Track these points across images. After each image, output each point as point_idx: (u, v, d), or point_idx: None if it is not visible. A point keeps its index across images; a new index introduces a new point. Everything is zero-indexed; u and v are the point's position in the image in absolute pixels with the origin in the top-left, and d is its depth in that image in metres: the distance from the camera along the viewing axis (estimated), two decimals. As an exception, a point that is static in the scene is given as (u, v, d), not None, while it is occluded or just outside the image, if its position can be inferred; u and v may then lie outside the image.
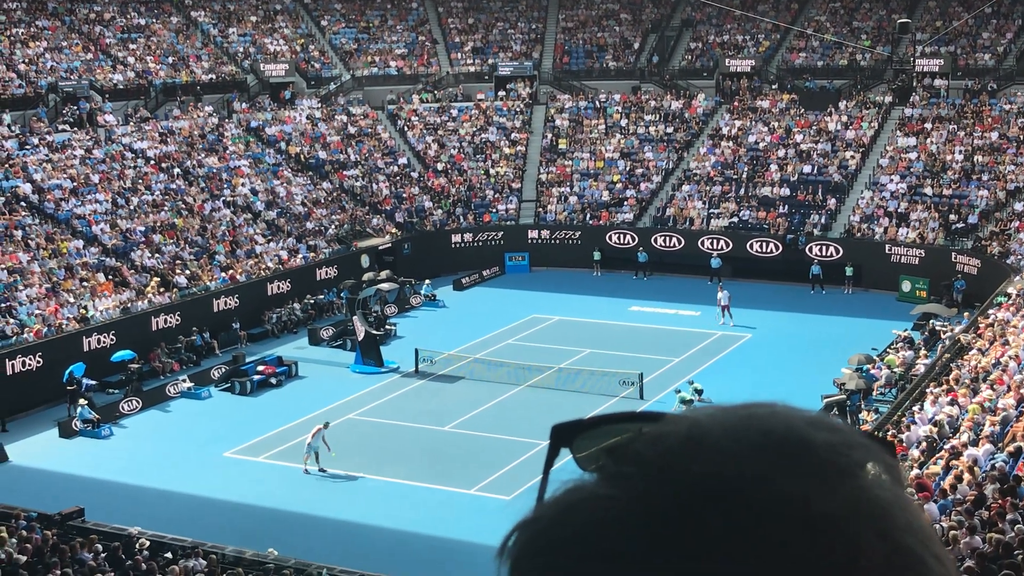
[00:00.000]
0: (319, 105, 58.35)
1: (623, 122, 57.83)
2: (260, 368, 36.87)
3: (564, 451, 0.91)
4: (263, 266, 44.54)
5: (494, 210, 54.06)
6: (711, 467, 0.72)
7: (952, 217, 46.66)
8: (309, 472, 28.65)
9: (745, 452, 0.72)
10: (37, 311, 36.75)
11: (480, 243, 52.65)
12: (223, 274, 43.09)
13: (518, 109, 59.84)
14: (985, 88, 53.20)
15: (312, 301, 44.43)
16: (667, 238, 50.87)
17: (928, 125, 52.17)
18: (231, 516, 26.33)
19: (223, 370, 37.26)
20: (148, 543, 21.61)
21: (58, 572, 18.58)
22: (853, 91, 56.07)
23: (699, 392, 32.42)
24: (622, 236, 51.72)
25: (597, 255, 51.19)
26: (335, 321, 43.33)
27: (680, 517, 0.71)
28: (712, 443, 0.75)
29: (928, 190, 48.62)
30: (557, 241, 52.70)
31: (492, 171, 56.26)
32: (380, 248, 49.24)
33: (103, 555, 20.59)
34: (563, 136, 57.75)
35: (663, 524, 0.72)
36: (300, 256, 46.30)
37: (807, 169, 52.02)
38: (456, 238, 52.49)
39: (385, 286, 40.33)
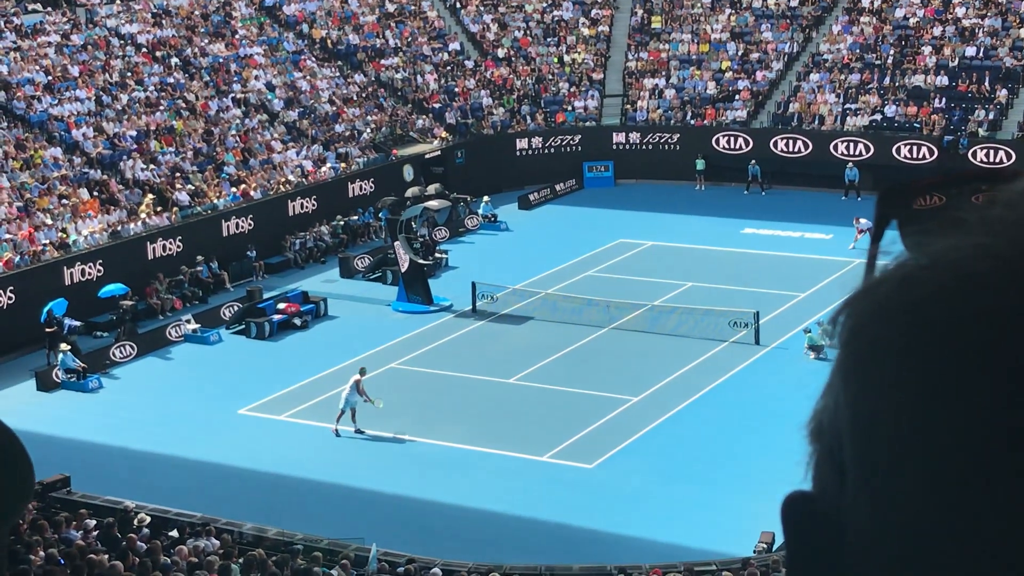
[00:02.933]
0: (349, -23, 58.19)
1: (734, -6, 56.96)
2: (281, 306, 37.24)
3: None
4: (282, 179, 44.86)
5: (570, 108, 53.78)
6: None
7: None
8: (340, 434, 29.03)
9: None
10: (7, 236, 37.44)
11: (552, 150, 52.48)
12: (233, 190, 43.49)
13: (600, -21, 59.16)
14: None
15: (344, 223, 44.73)
16: (790, 141, 50.24)
17: None
18: (248, 487, 26.77)
19: (236, 308, 37.74)
20: (148, 519, 22.10)
21: (41, 554, 19.08)
22: (1032, -50, 54.58)
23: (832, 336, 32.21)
24: (733, 140, 51.21)
25: (701, 164, 50.81)
26: (372, 248, 43.57)
27: None
28: None
29: None
30: (649, 147, 52.35)
31: (567, 58, 55.86)
32: (427, 157, 49.27)
33: (94, 533, 21.10)
34: (657, 12, 57.09)
35: None
36: (328, 167, 46.53)
37: (970, 52, 50.93)
38: (522, 144, 52.34)
39: (434, 204, 40.40)
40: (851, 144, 49.01)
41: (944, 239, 0.79)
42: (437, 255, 41.66)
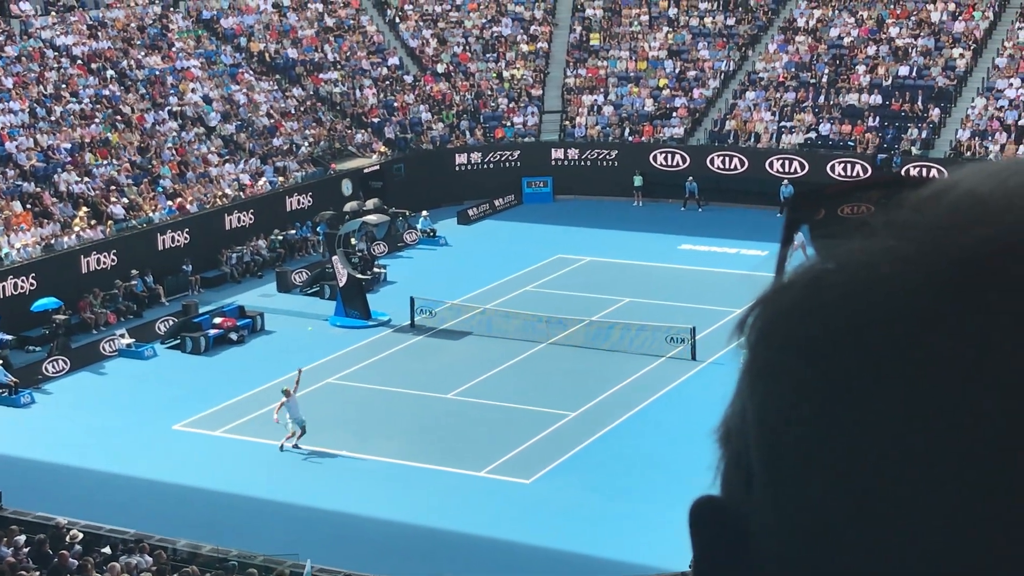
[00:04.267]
0: (288, -10, 58.00)
1: (672, 11, 57.36)
2: (217, 321, 37.02)
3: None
4: (219, 193, 44.58)
5: (508, 124, 53.87)
6: (1015, 223, 0.74)
7: (1088, 132, 46.30)
8: (285, 448, 28.91)
9: None
10: (-62, 249, 36.89)
11: (491, 165, 52.53)
12: (169, 203, 43.15)
13: (539, -5, 59.38)
14: None
15: (281, 237, 44.53)
16: (727, 159, 50.61)
17: (1059, 15, 51.60)
18: (182, 503, 26.51)
19: (171, 323, 37.44)
20: (80, 535, 21.84)
21: (-30, 570, 18.78)
22: (964, -28, 55.43)
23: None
24: (670, 156, 51.50)
25: (638, 180, 51.03)
26: (310, 262, 43.40)
27: (982, 268, 0.74)
28: (1004, 200, 0.77)
29: (1056, 99, 48.21)
30: (588, 163, 52.52)
31: (506, 74, 55.97)
32: (366, 171, 49.16)
33: (25, 550, 20.81)
34: (595, 30, 57.36)
35: (967, 275, 0.74)
36: (266, 181, 46.31)
37: (903, 71, 51.60)
38: (461, 159, 52.35)
39: (372, 219, 40.28)
40: (786, 161, 49.44)
41: (851, 242, 0.80)
42: (375, 270, 41.59)
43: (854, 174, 48.28)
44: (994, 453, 0.71)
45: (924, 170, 47.46)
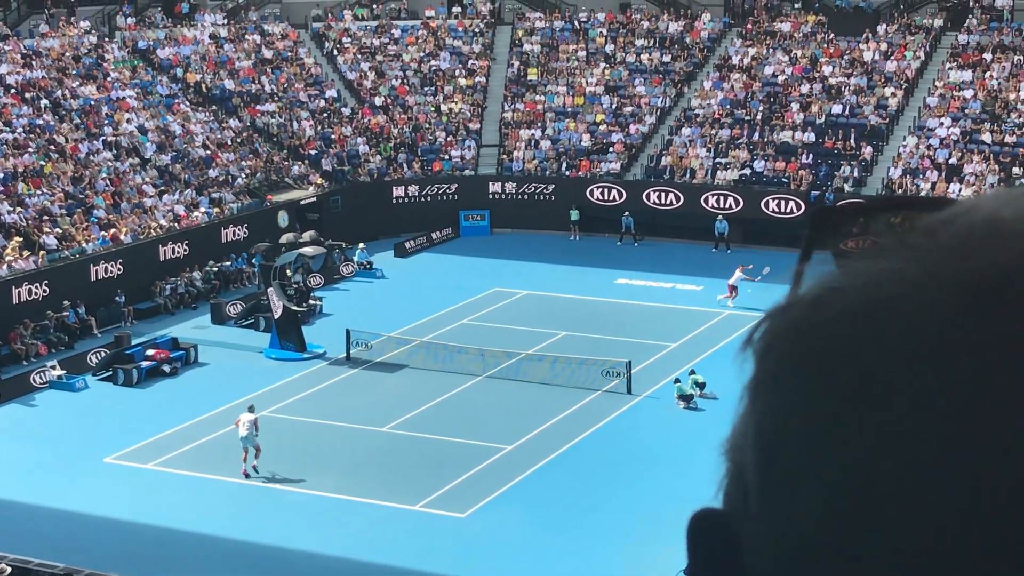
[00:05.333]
0: (225, 21, 57.85)
1: (608, 48, 57.81)
2: (150, 352, 36.67)
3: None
4: (154, 224, 44.25)
5: (446, 157, 53.95)
6: (1018, 253, 0.75)
7: (1016, 171, 47.11)
8: (251, 475, 28.91)
9: None
10: None
11: (428, 198, 52.55)
12: (103, 234, 42.76)
13: (477, 30, 59.64)
14: (1058, 11, 53.61)
15: (216, 269, 44.25)
16: (662, 194, 50.96)
17: (987, 56, 52.55)
18: (114, 537, 26.19)
19: (103, 355, 37.03)
20: (9, 569, 21.51)
21: None
22: (895, 12, 56.34)
23: (701, 385, 32.64)
24: (606, 191, 51.77)
25: (575, 215, 51.25)
26: (245, 294, 43.14)
27: (991, 294, 0.74)
28: (1013, 228, 0.77)
29: (986, 137, 49.06)
30: (525, 197, 52.68)
31: (444, 108, 56.09)
32: (302, 203, 49.00)
33: (-49, 585, 20.45)
34: (533, 65, 57.66)
35: (970, 300, 0.74)
36: (201, 212, 46.02)
37: (837, 109, 52.29)
38: (398, 191, 52.33)
39: (308, 251, 40.12)
40: (721, 197, 49.86)
41: (860, 263, 0.80)
42: (311, 302, 41.42)
43: (788, 210, 48.79)
44: (989, 478, 0.71)
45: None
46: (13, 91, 48.03)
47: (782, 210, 49.10)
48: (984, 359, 0.72)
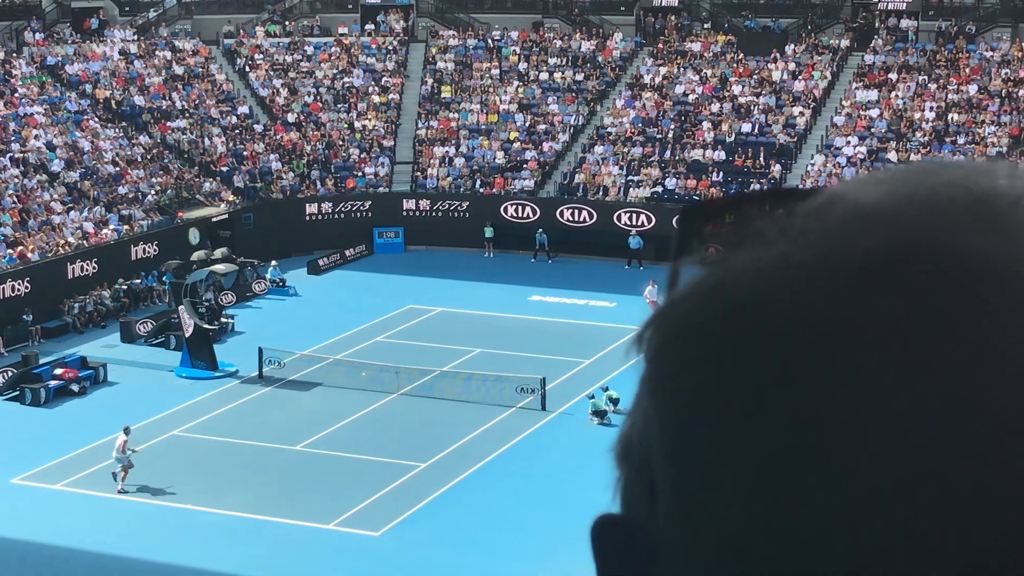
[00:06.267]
0: (135, 37, 57.28)
1: (522, 66, 58.04)
2: (58, 372, 36.17)
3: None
4: (62, 241, 43.68)
5: (360, 174, 53.80)
6: (911, 226, 0.76)
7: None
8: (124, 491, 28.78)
9: (945, 214, 0.76)
10: None
11: (342, 215, 52.36)
12: (10, 251, 42.13)
13: (391, 47, 59.60)
14: (962, 31, 54.75)
15: (126, 287, 43.75)
16: (576, 211, 51.21)
17: (893, 75, 53.50)
18: (21, 558, 25.79)
19: (10, 374, 36.44)
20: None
21: None
22: (803, 32, 57.19)
23: (615, 401, 32.78)
24: (520, 208, 51.91)
25: (489, 232, 51.33)
26: (155, 312, 42.67)
27: (885, 272, 0.75)
28: (897, 205, 0.78)
29: (892, 155, 49.90)
30: (439, 214, 52.67)
31: (357, 125, 55.96)
32: (214, 220, 48.61)
33: None
34: (447, 82, 57.72)
35: (867, 278, 0.75)
36: (110, 229, 45.49)
37: (746, 128, 52.92)
38: (311, 208, 52.08)
39: (220, 268, 39.83)
40: (634, 215, 50.22)
41: (747, 252, 0.80)
42: (223, 320, 41.06)
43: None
44: (900, 460, 0.72)
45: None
46: (-83, 106, 47.18)
47: (694, 227, 49.37)
48: (883, 338, 0.73)
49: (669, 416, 0.80)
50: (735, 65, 55.68)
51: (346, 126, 55.90)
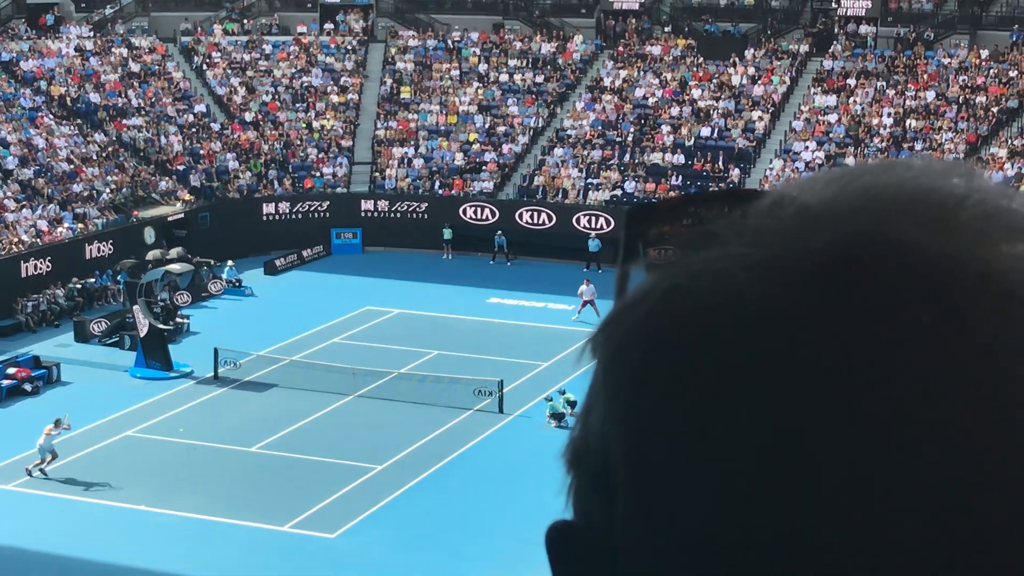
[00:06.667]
0: (92, 34, 56.85)
1: (482, 67, 57.98)
2: (11, 371, 35.85)
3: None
4: (15, 239, 43.32)
5: (318, 174, 53.58)
6: (865, 224, 0.76)
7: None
8: (34, 475, 29.28)
9: (899, 211, 0.77)
10: None
11: (300, 215, 52.15)
12: (-38, 249, 41.73)
13: (350, 47, 59.40)
14: (920, 37, 55.16)
15: (80, 286, 43.41)
16: (535, 214, 51.20)
17: (851, 81, 53.82)
18: (-30, 562, 25.53)
19: (-40, 373, 36.13)
20: None
21: None
22: (762, 37, 57.44)
23: (572, 404, 32.77)
24: (479, 210, 51.85)
25: (448, 233, 51.25)
26: (110, 312, 42.38)
27: (841, 271, 0.75)
28: (849, 204, 0.78)
29: (850, 160, 50.15)
30: (398, 215, 52.54)
31: (316, 125, 55.74)
32: (169, 219, 48.32)
33: None
34: (406, 83, 57.59)
35: (823, 277, 0.75)
36: (65, 227, 45.13)
37: (705, 132, 53.08)
38: (269, 208, 51.84)
39: (176, 268, 39.59)
40: (593, 218, 50.27)
41: (701, 253, 0.80)
42: (178, 320, 40.85)
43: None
44: (862, 461, 0.72)
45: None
46: None
47: (652, 231, 49.50)
48: (842, 336, 0.73)
49: (628, 421, 0.79)
50: (695, 69, 55.85)
51: (304, 126, 55.66)
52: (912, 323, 0.73)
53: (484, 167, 53.46)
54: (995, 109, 51.20)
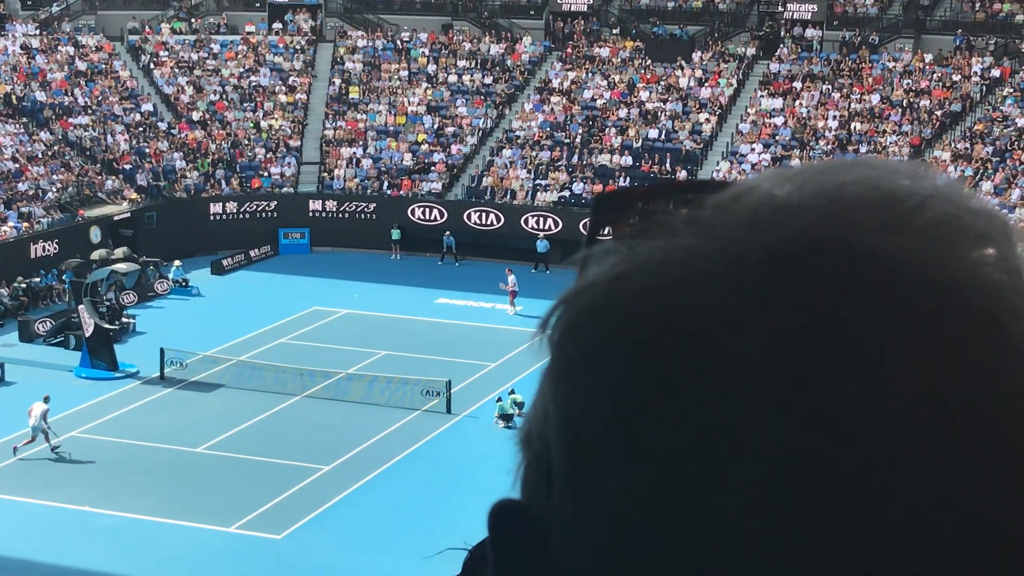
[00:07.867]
0: (37, 32, 56.31)
1: (431, 68, 57.95)
2: (-47, 371, 35.53)
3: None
4: (-41, 238, 42.88)
5: (265, 174, 53.36)
6: (815, 224, 0.76)
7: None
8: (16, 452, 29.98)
9: (850, 210, 0.77)
10: None
11: (247, 215, 51.92)
12: (-96, 248, 41.24)
13: (298, 47, 59.20)
14: (865, 41, 55.67)
15: (24, 285, 43.06)
16: (483, 214, 51.23)
17: (797, 84, 54.24)
18: (-89, 564, 25.23)
19: (-98, 374, 35.72)
20: None
21: None
22: (709, 40, 57.77)
23: (520, 405, 32.84)
24: (428, 211, 51.83)
25: (396, 234, 51.19)
26: (54, 311, 42.04)
27: (785, 269, 0.75)
28: (803, 202, 0.78)
29: (796, 163, 50.37)
30: (346, 215, 52.42)
31: (264, 124, 55.51)
32: (116, 219, 47.99)
33: None
34: (355, 83, 57.46)
35: (767, 273, 0.75)
36: (9, 226, 44.72)
37: (653, 134, 53.31)
38: (216, 208, 51.57)
39: (121, 267, 39.35)
40: (541, 218, 50.37)
41: (652, 242, 0.80)
42: (124, 320, 40.60)
43: (606, 232, 49.42)
44: (791, 460, 0.72)
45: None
46: None
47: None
48: (777, 334, 0.73)
49: (567, 405, 0.80)
50: (643, 71, 56.08)
51: (252, 125, 55.41)
52: (842, 326, 0.73)
53: (433, 168, 53.44)
54: (939, 112, 51.74)
